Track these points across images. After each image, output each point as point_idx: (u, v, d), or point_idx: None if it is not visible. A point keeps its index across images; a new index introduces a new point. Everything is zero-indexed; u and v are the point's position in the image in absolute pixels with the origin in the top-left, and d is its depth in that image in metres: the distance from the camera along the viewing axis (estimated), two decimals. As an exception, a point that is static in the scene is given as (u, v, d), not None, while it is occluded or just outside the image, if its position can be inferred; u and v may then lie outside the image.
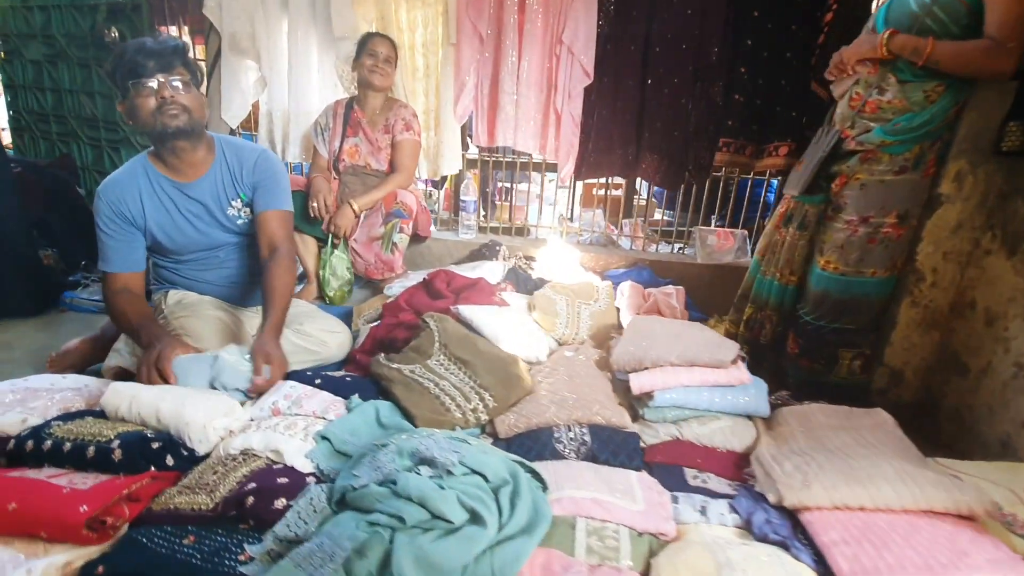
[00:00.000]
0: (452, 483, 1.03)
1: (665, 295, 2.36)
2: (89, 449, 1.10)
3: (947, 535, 1.02)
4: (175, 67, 1.49)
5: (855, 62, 1.60)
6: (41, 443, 1.12)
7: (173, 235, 1.63)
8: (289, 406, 1.31)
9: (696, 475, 1.27)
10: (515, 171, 2.96)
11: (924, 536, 1.01)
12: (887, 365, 1.82)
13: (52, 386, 1.44)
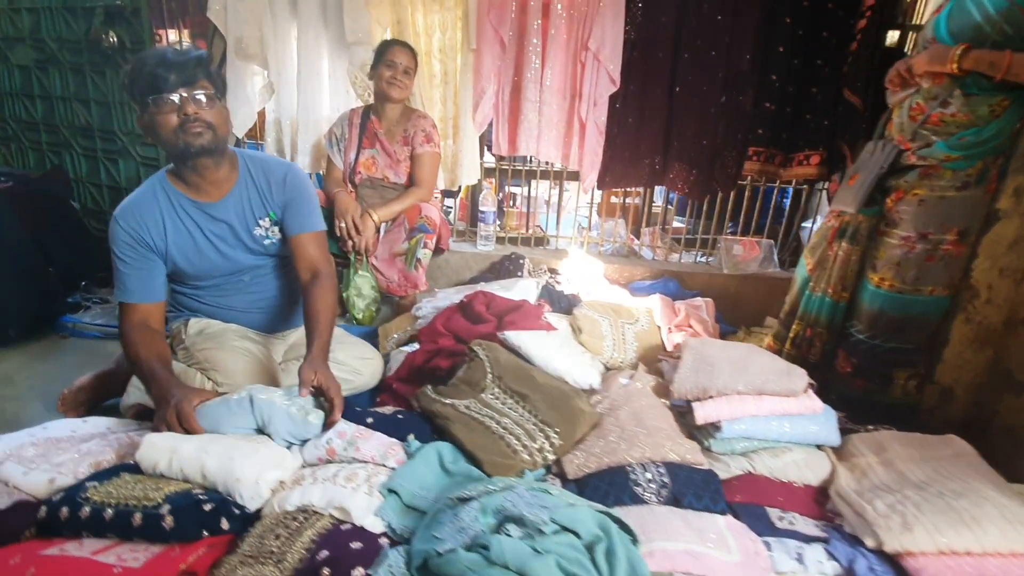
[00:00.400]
0: (545, 544, 0.95)
1: (694, 308, 2.30)
2: (135, 516, 0.98)
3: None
4: (198, 80, 1.38)
5: (922, 73, 1.54)
6: (77, 510, 1.00)
7: (195, 260, 1.52)
8: (345, 447, 1.21)
9: (781, 515, 1.21)
10: (535, 179, 2.87)
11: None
12: (937, 383, 1.78)
13: (74, 433, 1.31)
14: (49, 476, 1.10)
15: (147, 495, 1.02)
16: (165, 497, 1.02)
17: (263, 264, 1.63)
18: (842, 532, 1.17)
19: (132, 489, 1.04)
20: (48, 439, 1.23)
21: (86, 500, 1.01)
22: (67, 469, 1.12)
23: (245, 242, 1.56)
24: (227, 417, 1.24)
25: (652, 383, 1.55)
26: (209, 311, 1.63)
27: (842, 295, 1.79)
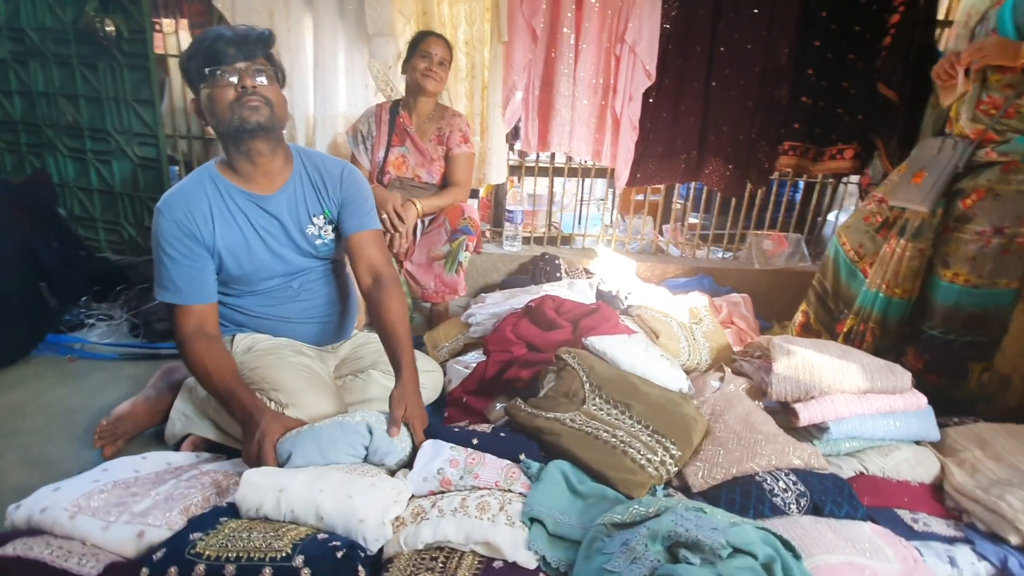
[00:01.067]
0: (727, 570, 0.88)
1: (733, 304, 2.29)
2: (264, 571, 0.85)
3: None
4: (258, 56, 1.29)
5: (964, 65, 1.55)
6: (189, 569, 0.86)
7: (243, 258, 1.37)
8: (461, 476, 1.10)
9: (913, 517, 1.18)
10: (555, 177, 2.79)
11: None
12: (996, 371, 1.82)
13: (138, 473, 1.15)
14: (136, 530, 0.95)
15: (270, 544, 0.89)
16: (293, 546, 0.89)
17: (313, 268, 1.50)
18: (977, 531, 1.15)
19: (248, 539, 0.90)
20: (115, 483, 1.07)
21: (198, 556, 0.87)
22: (156, 519, 0.97)
23: (296, 241, 1.43)
24: (335, 446, 1.12)
25: (745, 385, 1.50)
26: (256, 324, 1.48)
27: (895, 291, 1.79)
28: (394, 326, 1.36)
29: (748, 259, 2.68)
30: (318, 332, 1.56)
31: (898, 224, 1.77)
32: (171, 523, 0.97)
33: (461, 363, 1.77)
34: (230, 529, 0.94)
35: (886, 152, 2.28)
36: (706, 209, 2.89)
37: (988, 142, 1.59)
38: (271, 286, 1.45)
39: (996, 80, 1.56)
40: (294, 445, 1.13)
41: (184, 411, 1.45)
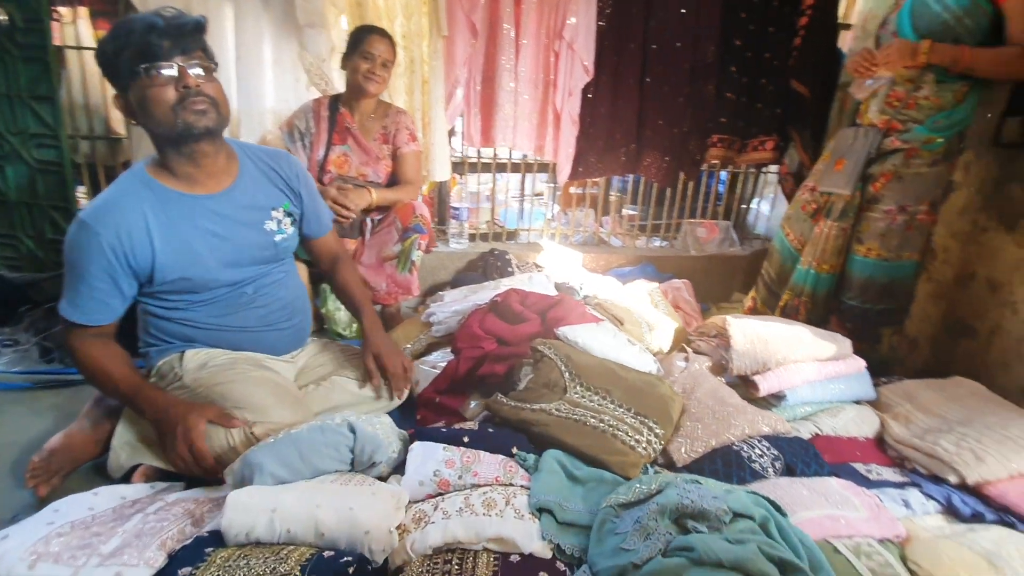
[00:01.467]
0: (732, 533, 0.93)
1: (676, 289, 2.41)
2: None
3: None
4: (196, 50, 1.18)
5: (884, 64, 1.74)
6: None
7: (190, 267, 1.26)
8: (460, 475, 1.08)
9: (867, 468, 1.31)
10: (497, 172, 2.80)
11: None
12: (905, 335, 2.06)
13: (93, 511, 1.02)
14: (111, 572, 0.84)
15: (275, 569, 0.82)
16: (302, 567, 0.83)
17: (270, 270, 1.41)
18: (920, 475, 1.30)
19: (248, 567, 0.83)
20: (72, 524, 0.94)
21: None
22: (132, 558, 0.86)
23: (251, 241, 1.34)
24: (318, 452, 1.05)
25: (708, 364, 1.59)
26: (209, 337, 1.36)
27: (823, 267, 1.97)
28: (352, 289, 1.54)
29: (684, 246, 2.84)
30: (277, 340, 1.47)
31: (826, 207, 1.95)
32: (150, 561, 0.87)
33: (427, 363, 1.73)
34: (222, 559, 0.86)
35: (801, 143, 2.49)
36: (642, 200, 3.02)
37: (893, 131, 1.79)
38: (223, 294, 1.34)
39: (899, 75, 1.76)
40: (268, 455, 1.05)
41: (128, 439, 1.30)
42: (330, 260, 1.59)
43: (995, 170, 1.87)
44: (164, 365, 1.35)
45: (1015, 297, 1.82)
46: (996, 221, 1.88)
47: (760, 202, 2.90)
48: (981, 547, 1.03)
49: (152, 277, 1.22)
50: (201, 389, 1.29)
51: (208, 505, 1.07)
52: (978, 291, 1.94)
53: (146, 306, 1.31)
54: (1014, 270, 1.83)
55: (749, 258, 2.79)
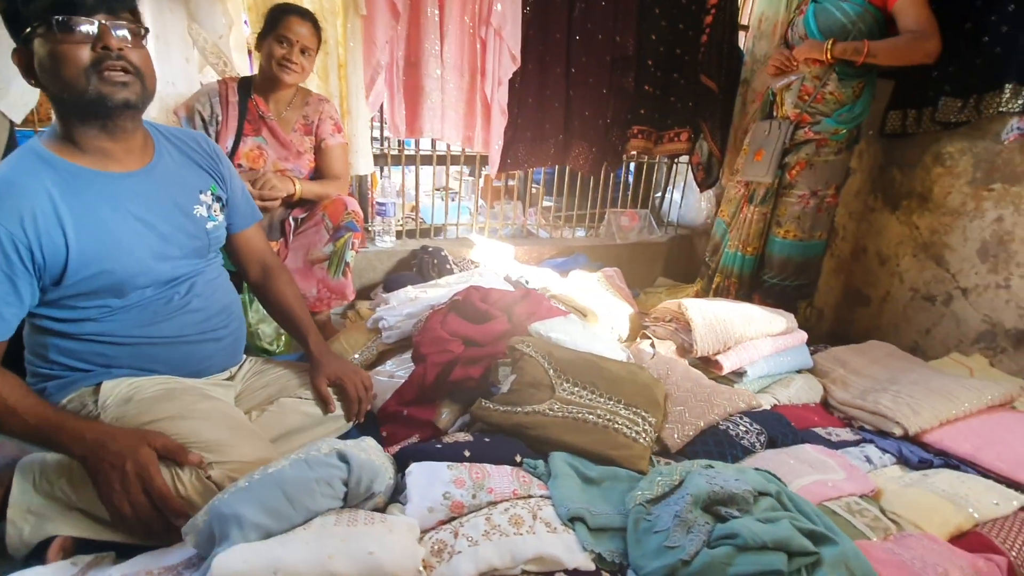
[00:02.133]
0: (758, 513, 0.95)
1: (609, 277, 2.47)
2: None
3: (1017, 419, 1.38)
4: (123, 10, 0.99)
5: (803, 60, 1.90)
6: None
7: (111, 262, 1.02)
8: (473, 494, 0.98)
9: (827, 432, 1.42)
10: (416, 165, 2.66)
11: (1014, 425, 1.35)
12: (814, 307, 2.29)
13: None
14: None
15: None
16: None
17: (203, 268, 1.21)
18: (868, 432, 1.43)
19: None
20: None
21: None
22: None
23: (182, 228, 1.14)
24: (309, 490, 0.89)
25: (673, 348, 1.63)
26: (132, 356, 1.12)
27: (747, 250, 2.13)
28: (291, 307, 1.35)
29: (608, 235, 2.91)
30: (215, 352, 1.25)
31: (750, 194, 2.09)
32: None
33: (383, 373, 1.58)
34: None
35: (710, 134, 2.66)
36: (558, 192, 3.04)
37: (805, 123, 1.97)
38: (149, 296, 1.10)
39: (809, 73, 1.93)
40: (246, 503, 0.87)
41: (31, 507, 1.01)
42: (260, 267, 1.37)
43: (880, 157, 2.14)
44: (72, 403, 1.09)
45: (901, 268, 2.10)
46: (882, 202, 2.15)
47: (672, 192, 3.06)
48: (940, 489, 1.16)
49: (63, 276, 0.98)
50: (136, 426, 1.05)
51: (170, 575, 0.86)
52: (870, 264, 2.21)
53: (43, 323, 1.04)
54: (898, 244, 2.11)
55: (668, 244, 2.93)
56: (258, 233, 1.38)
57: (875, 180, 2.18)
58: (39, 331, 1.07)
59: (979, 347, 1.90)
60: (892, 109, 2.06)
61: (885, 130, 2.08)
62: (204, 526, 0.88)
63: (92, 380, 1.09)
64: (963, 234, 1.94)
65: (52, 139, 1.02)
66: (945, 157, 1.97)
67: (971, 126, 1.90)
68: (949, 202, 1.97)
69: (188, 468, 1.00)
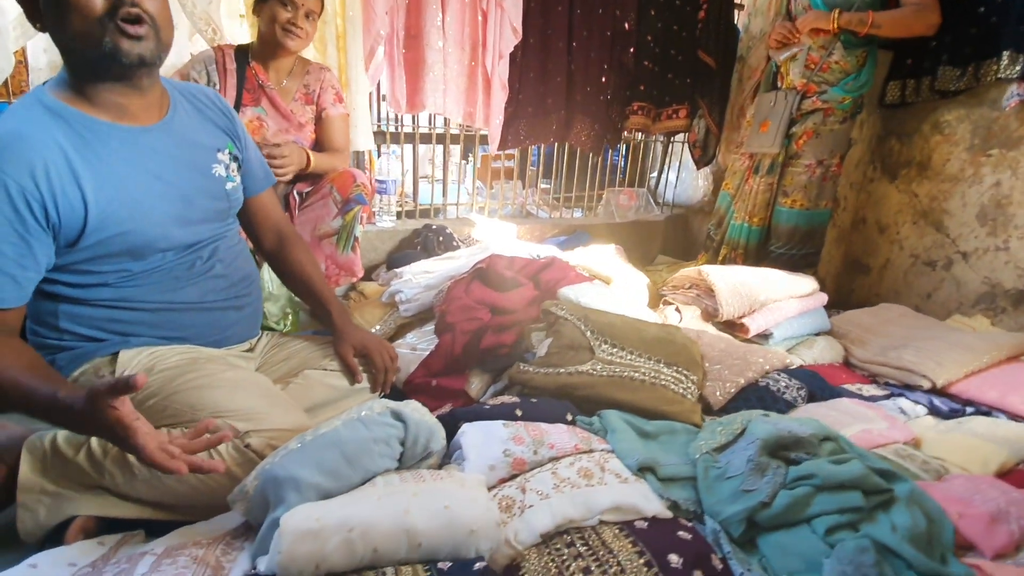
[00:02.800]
0: (824, 455, 0.94)
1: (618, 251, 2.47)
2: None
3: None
4: None
5: (807, 31, 1.92)
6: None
7: (135, 219, 0.95)
8: (535, 450, 0.94)
9: (857, 387, 1.43)
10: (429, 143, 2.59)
11: None
12: (818, 275, 2.32)
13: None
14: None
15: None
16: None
17: (225, 232, 1.13)
18: (894, 387, 1.45)
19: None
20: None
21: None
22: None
23: (204, 188, 1.06)
24: (367, 450, 0.84)
25: (698, 313, 1.62)
26: (152, 322, 1.04)
27: (753, 220, 2.15)
28: (311, 276, 1.27)
29: (607, 214, 2.90)
30: (237, 321, 1.18)
31: (755, 166, 2.10)
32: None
33: (404, 346, 1.53)
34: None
35: (709, 111, 2.68)
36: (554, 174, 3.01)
37: (811, 92, 1.99)
38: (171, 261, 1.03)
39: (814, 43, 1.95)
40: (302, 465, 0.81)
41: (44, 488, 0.93)
42: (275, 236, 1.29)
43: (879, 127, 2.18)
44: (84, 376, 1.00)
45: (901, 235, 2.15)
46: (881, 172, 2.19)
47: (668, 172, 3.07)
48: (978, 434, 1.18)
49: (80, 237, 0.90)
50: (153, 401, 0.98)
51: (219, 545, 0.79)
52: (869, 233, 2.25)
53: (53, 288, 0.96)
54: (898, 212, 2.15)
55: (665, 223, 2.94)
56: (272, 199, 1.30)
57: (874, 150, 2.22)
58: (48, 297, 0.98)
59: (980, 308, 1.96)
60: (891, 79, 2.10)
61: (885, 100, 2.13)
62: (256, 492, 0.82)
63: (108, 350, 1.02)
64: (962, 199, 1.99)
65: (60, 88, 0.93)
66: (943, 125, 2.02)
67: (968, 94, 1.95)
68: (948, 169, 2.02)
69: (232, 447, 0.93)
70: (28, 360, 0.87)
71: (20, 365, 0.84)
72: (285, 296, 1.83)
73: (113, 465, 0.92)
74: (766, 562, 0.79)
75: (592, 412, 1.12)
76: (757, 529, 0.83)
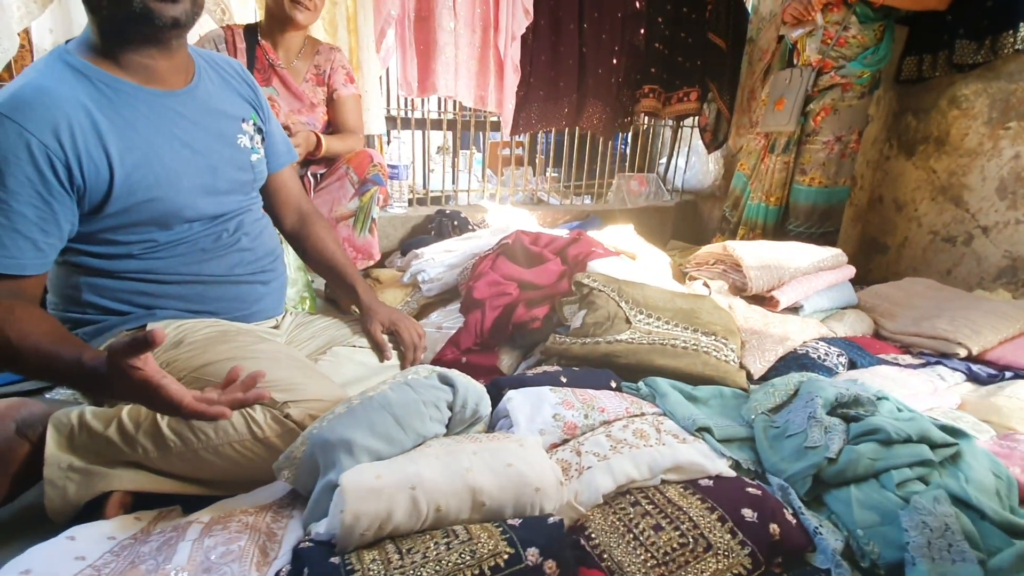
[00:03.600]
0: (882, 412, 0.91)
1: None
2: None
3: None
4: None
5: (821, 7, 1.91)
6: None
7: (162, 185, 0.91)
8: (585, 414, 0.91)
9: (893, 358, 1.41)
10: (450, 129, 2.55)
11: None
12: (833, 256, 2.31)
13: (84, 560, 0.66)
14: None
15: (475, 552, 0.59)
16: (508, 540, 0.61)
17: (250, 205, 1.10)
18: (927, 355, 1.43)
19: (430, 560, 0.59)
20: None
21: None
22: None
23: (230, 159, 1.03)
24: (418, 411, 0.81)
25: (725, 287, 1.60)
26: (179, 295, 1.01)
27: (770, 200, 2.13)
28: (334, 255, 1.24)
29: (617, 200, 2.88)
30: (265, 295, 1.14)
31: (770, 145, 2.09)
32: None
33: (430, 325, 1.50)
34: (375, 563, 0.60)
35: (719, 94, 2.66)
36: (559, 162, 2.99)
37: (828, 68, 1.98)
38: (197, 232, 0.99)
39: (828, 19, 1.94)
40: (354, 428, 0.78)
41: (72, 464, 0.89)
42: (296, 213, 1.25)
43: (895, 104, 2.17)
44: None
45: (919, 212, 2.14)
46: (897, 149, 2.18)
47: (678, 157, 3.05)
48: (1021, 396, 1.16)
49: (105, 203, 0.86)
50: (183, 375, 0.94)
51: (268, 513, 0.76)
52: (886, 212, 2.24)
53: (77, 259, 0.92)
54: (915, 189, 2.14)
55: (676, 209, 2.92)
56: (293, 176, 1.27)
57: (890, 128, 2.21)
58: (71, 269, 0.94)
59: (1001, 283, 1.95)
60: (907, 55, 2.09)
61: (901, 76, 2.12)
62: (304, 457, 0.78)
63: (133, 323, 0.97)
64: (981, 174, 1.98)
65: (84, 48, 0.89)
66: (961, 99, 2.01)
67: (985, 67, 1.94)
68: (966, 143, 2.01)
69: (261, 408, 0.89)
70: (50, 326, 0.83)
71: (42, 331, 0.80)
72: (302, 280, 1.79)
73: (146, 439, 0.88)
74: (835, 518, 0.77)
75: (634, 380, 1.09)
76: (823, 486, 0.81)
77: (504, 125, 2.39)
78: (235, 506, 0.79)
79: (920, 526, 0.69)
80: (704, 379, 1.08)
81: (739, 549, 0.66)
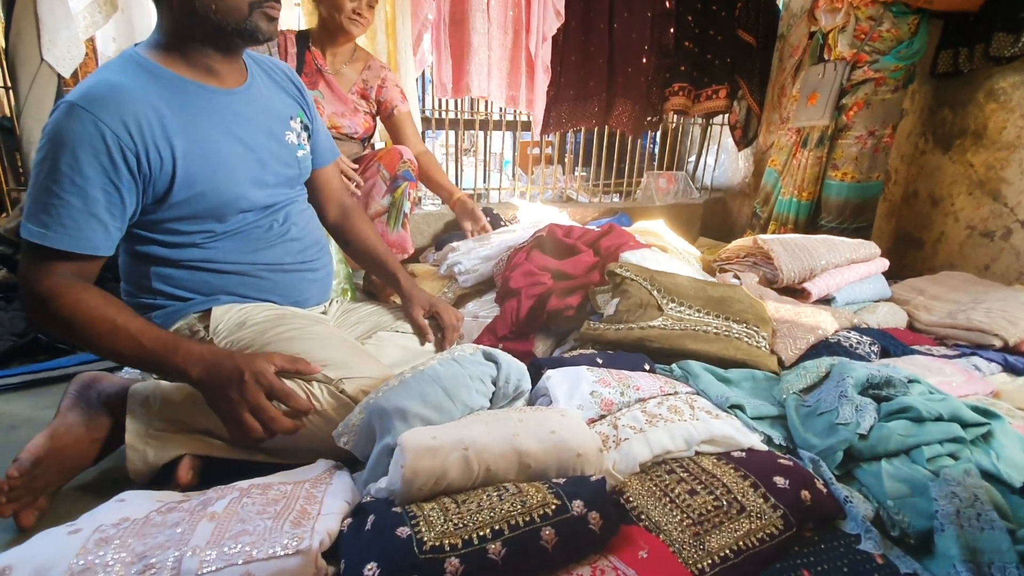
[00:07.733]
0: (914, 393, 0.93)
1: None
2: (544, 532, 0.61)
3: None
4: None
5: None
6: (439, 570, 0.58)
7: (220, 179, 0.99)
8: (621, 392, 0.96)
9: (926, 349, 1.41)
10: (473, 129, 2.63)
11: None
12: (867, 251, 2.29)
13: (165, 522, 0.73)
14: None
15: (526, 503, 0.65)
16: (556, 494, 0.66)
17: (296, 196, 1.17)
18: (963, 347, 1.43)
19: (486, 509, 0.65)
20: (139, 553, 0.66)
21: (438, 551, 0.59)
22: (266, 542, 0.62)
23: (278, 154, 1.10)
24: (464, 385, 0.87)
25: (756, 279, 1.62)
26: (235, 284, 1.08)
27: (802, 195, 2.14)
28: (375, 245, 1.32)
29: (646, 198, 2.90)
30: (311, 284, 1.21)
31: (802, 139, 2.09)
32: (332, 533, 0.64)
33: (466, 315, 1.55)
34: (434, 511, 0.66)
35: (749, 91, 2.67)
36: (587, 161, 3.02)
37: (862, 62, 1.98)
38: (250, 222, 1.07)
39: (861, 12, 1.94)
40: (408, 397, 0.84)
41: (149, 432, 0.97)
42: (338, 208, 1.32)
43: (930, 98, 2.15)
44: (180, 331, 1.04)
45: (956, 207, 2.11)
46: (933, 143, 2.16)
47: (707, 155, 3.06)
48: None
49: (168, 193, 0.94)
50: (248, 352, 1.01)
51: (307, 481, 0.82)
52: (921, 207, 2.22)
53: (147, 248, 1.00)
54: (952, 184, 2.12)
55: (704, 206, 2.93)
56: (336, 173, 1.35)
57: (925, 122, 2.19)
58: (142, 259, 1.02)
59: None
60: (943, 49, 2.07)
61: (936, 70, 2.10)
62: (362, 424, 0.85)
63: (199, 307, 1.06)
64: (1020, 167, 1.95)
65: (154, 49, 0.97)
66: (998, 92, 1.99)
67: (1022, 60, 1.92)
68: (1004, 137, 1.98)
69: (318, 384, 0.96)
70: (126, 308, 0.90)
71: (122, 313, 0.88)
72: (343, 273, 1.87)
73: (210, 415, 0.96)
74: (866, 491, 0.80)
75: (667, 364, 1.13)
76: (853, 462, 0.84)
77: (535, 124, 2.45)
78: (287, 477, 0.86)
79: (949, 496, 0.72)
80: (736, 363, 1.11)
81: (771, 512, 0.70)
